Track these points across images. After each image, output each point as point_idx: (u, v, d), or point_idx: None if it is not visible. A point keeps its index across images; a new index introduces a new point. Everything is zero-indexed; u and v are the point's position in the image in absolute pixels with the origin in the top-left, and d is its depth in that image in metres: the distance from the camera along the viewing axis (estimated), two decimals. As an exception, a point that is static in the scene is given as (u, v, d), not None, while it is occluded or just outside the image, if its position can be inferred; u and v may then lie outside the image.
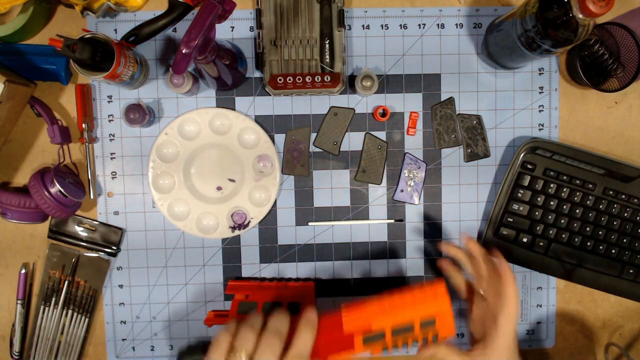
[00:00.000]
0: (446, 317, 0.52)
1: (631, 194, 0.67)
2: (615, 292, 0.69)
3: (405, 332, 0.52)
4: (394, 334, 0.52)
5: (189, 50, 0.46)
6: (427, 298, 0.52)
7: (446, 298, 0.52)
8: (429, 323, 0.52)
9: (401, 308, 0.52)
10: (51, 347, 0.67)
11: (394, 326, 0.52)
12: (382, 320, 0.52)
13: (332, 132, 0.67)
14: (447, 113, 0.68)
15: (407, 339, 0.52)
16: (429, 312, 0.52)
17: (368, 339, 0.52)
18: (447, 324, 0.52)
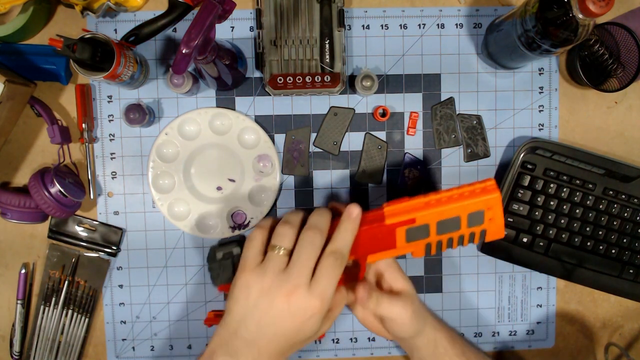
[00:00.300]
0: (495, 212, 0.49)
1: (631, 194, 0.67)
2: (615, 292, 0.69)
3: (451, 227, 0.49)
4: (439, 230, 0.49)
5: (189, 50, 0.46)
6: (476, 192, 0.49)
7: (497, 192, 0.48)
8: (477, 218, 0.49)
9: (448, 201, 0.49)
10: (51, 347, 0.67)
11: (440, 219, 0.49)
12: (427, 213, 0.49)
13: (332, 132, 0.67)
14: (447, 113, 0.68)
15: (453, 238, 0.50)
16: (477, 205, 0.48)
17: (411, 232, 0.49)
18: (497, 221, 0.49)
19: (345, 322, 0.69)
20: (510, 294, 0.70)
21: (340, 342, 0.70)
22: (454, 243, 0.50)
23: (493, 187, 0.49)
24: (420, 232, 0.50)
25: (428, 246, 0.51)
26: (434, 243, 0.50)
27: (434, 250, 0.51)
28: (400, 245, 0.50)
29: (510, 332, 0.71)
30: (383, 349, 0.70)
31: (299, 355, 0.70)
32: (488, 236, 0.50)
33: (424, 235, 0.50)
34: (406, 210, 0.50)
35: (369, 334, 0.70)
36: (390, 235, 0.50)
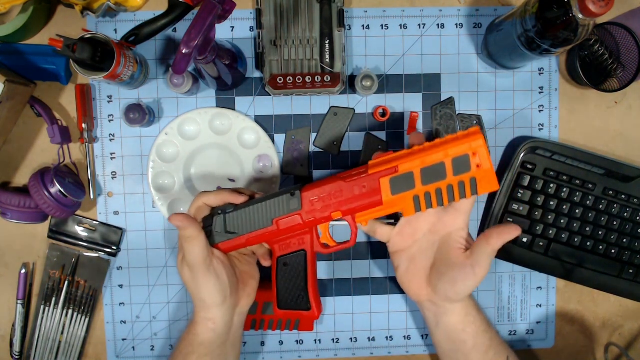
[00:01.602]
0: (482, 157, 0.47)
1: (631, 194, 0.67)
2: (615, 292, 0.69)
3: (436, 176, 0.48)
4: (424, 178, 0.48)
5: (189, 50, 0.46)
6: (459, 138, 0.48)
7: (479, 136, 0.47)
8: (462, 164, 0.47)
9: (430, 148, 0.49)
10: (51, 347, 0.67)
11: (424, 166, 0.48)
12: (410, 161, 0.49)
13: (332, 132, 0.67)
14: (447, 113, 0.68)
15: (441, 189, 0.48)
16: (460, 149, 0.47)
17: (395, 182, 0.49)
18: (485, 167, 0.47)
19: (346, 322, 0.70)
20: (510, 293, 0.70)
21: (340, 342, 0.70)
22: (444, 196, 0.49)
23: (475, 132, 0.48)
24: (405, 181, 0.49)
25: (416, 200, 0.49)
26: (422, 195, 0.49)
27: (423, 205, 0.49)
28: (387, 199, 0.49)
29: (510, 332, 0.71)
30: (383, 348, 0.70)
31: (299, 355, 0.70)
32: (480, 187, 0.48)
33: (410, 185, 0.49)
34: (389, 160, 0.50)
35: (368, 334, 0.70)
36: (375, 187, 0.50)
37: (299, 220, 0.53)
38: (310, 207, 0.53)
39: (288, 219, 0.53)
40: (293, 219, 0.53)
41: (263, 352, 0.69)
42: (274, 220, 0.54)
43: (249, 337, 0.69)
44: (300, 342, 0.70)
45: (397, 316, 0.70)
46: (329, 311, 0.69)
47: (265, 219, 0.54)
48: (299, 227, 0.54)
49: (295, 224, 0.53)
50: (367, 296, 0.69)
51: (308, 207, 0.53)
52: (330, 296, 0.69)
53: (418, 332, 0.70)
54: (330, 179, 0.53)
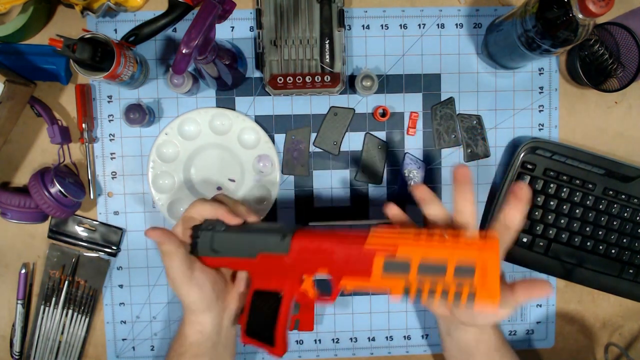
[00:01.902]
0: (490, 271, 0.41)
1: (631, 194, 0.67)
2: (615, 292, 0.69)
3: (434, 273, 0.42)
4: (420, 270, 0.43)
5: (189, 50, 0.46)
6: (473, 243, 0.43)
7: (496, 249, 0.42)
8: (466, 272, 0.42)
9: (439, 242, 0.43)
10: (51, 347, 0.67)
11: (424, 259, 0.43)
12: (412, 247, 0.43)
13: (332, 132, 0.67)
14: (447, 113, 0.68)
15: (435, 285, 0.43)
16: (469, 257, 0.42)
17: (389, 265, 0.44)
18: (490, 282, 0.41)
19: (346, 322, 0.70)
20: (510, 294, 0.70)
21: (340, 342, 0.70)
22: (436, 293, 0.43)
23: (492, 244, 0.42)
24: (399, 266, 0.44)
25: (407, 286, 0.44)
26: (414, 286, 0.44)
27: (412, 294, 0.44)
28: (376, 276, 0.45)
29: (510, 332, 0.71)
30: (383, 348, 0.70)
31: (299, 355, 0.70)
32: (478, 299, 0.42)
33: (404, 271, 0.44)
34: (391, 237, 0.45)
35: (368, 334, 0.70)
36: (367, 262, 0.45)
37: (282, 263, 0.49)
38: (297, 255, 0.49)
39: (272, 259, 0.50)
40: (277, 260, 0.49)
41: (263, 352, 0.69)
42: (258, 255, 0.50)
43: (249, 337, 0.69)
44: (300, 342, 0.70)
45: (397, 316, 0.70)
46: (329, 311, 0.69)
47: (250, 249, 0.50)
48: (281, 270, 0.50)
49: (277, 265, 0.50)
50: (367, 296, 0.69)
51: (295, 254, 0.49)
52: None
53: (418, 332, 0.70)
54: (327, 235, 0.48)
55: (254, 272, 0.52)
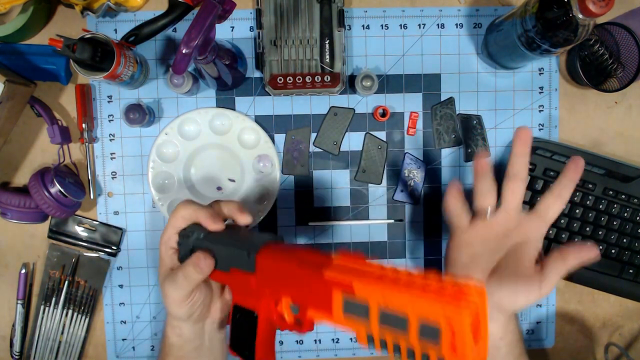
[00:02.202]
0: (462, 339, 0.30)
1: (631, 194, 0.67)
2: (615, 292, 0.69)
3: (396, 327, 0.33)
4: (382, 320, 0.34)
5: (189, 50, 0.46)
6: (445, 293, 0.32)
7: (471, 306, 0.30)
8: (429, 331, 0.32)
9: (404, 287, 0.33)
10: (51, 347, 0.67)
11: (383, 306, 0.34)
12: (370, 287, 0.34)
13: (332, 132, 0.67)
14: (447, 113, 0.68)
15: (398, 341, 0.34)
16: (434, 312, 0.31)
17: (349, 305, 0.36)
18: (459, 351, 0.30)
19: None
20: (510, 294, 0.70)
21: (340, 342, 0.70)
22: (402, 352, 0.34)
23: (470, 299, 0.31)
24: (358, 309, 0.35)
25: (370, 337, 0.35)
26: (377, 336, 0.35)
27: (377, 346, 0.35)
28: (337, 314, 0.36)
29: (510, 332, 0.71)
30: (383, 349, 0.70)
31: (299, 355, 0.70)
32: None
33: (364, 316, 0.35)
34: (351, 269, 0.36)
35: (369, 334, 0.70)
36: (326, 294, 0.37)
37: (251, 282, 0.44)
38: (263, 275, 0.43)
39: (242, 276, 0.45)
40: (246, 278, 0.45)
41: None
42: (231, 269, 0.46)
43: (249, 337, 0.69)
44: (300, 342, 0.70)
45: (397, 316, 0.70)
46: (329, 311, 0.69)
47: (223, 263, 0.47)
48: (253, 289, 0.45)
49: (248, 283, 0.45)
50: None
51: (261, 274, 0.43)
52: (330, 296, 0.69)
53: (418, 332, 0.70)
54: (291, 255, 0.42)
55: (231, 285, 0.48)
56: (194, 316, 0.51)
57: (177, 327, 0.52)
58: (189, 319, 0.51)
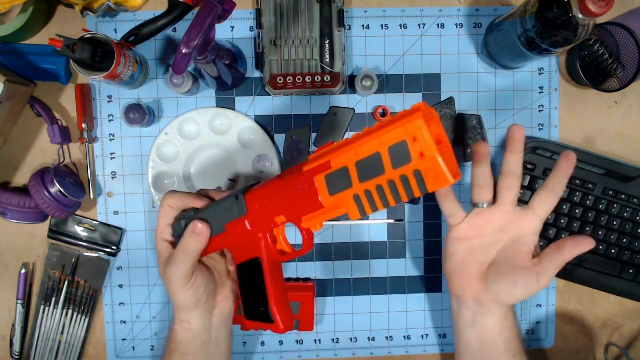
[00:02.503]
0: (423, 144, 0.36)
1: (631, 194, 0.67)
2: (615, 292, 0.69)
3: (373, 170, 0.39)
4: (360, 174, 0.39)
5: (189, 50, 0.46)
6: (396, 119, 0.38)
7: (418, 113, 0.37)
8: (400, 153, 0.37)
9: (364, 136, 0.40)
10: (51, 347, 0.67)
11: (358, 159, 0.39)
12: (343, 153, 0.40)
13: (332, 132, 0.67)
14: (447, 113, 0.68)
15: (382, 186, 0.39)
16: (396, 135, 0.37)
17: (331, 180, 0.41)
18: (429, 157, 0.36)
19: (346, 322, 0.70)
20: (510, 294, 0.70)
21: (340, 342, 0.70)
22: (387, 194, 0.39)
23: (415, 110, 0.37)
24: (340, 179, 0.40)
25: (358, 201, 0.40)
26: (363, 195, 0.40)
27: (367, 206, 0.40)
28: (326, 200, 0.41)
29: (510, 332, 0.71)
30: (383, 348, 0.70)
31: (299, 355, 0.70)
32: (428, 181, 0.37)
33: (347, 183, 0.40)
34: (323, 154, 0.42)
35: (368, 334, 0.70)
36: (311, 187, 0.42)
37: (247, 225, 0.48)
38: (254, 211, 0.47)
39: (237, 225, 0.48)
40: (242, 224, 0.48)
41: (263, 352, 0.69)
42: (225, 226, 0.49)
43: (249, 337, 0.69)
44: (300, 342, 0.70)
45: (397, 316, 0.70)
46: (329, 311, 0.69)
47: (217, 224, 0.49)
48: (250, 233, 0.48)
49: (244, 230, 0.48)
50: (367, 296, 0.69)
51: (252, 211, 0.47)
52: (331, 296, 0.69)
53: (418, 332, 0.70)
54: (272, 181, 0.46)
55: (230, 246, 0.50)
56: (201, 303, 0.52)
57: (186, 321, 0.53)
58: (197, 307, 0.52)
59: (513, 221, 0.53)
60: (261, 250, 0.48)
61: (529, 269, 0.51)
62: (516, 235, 0.53)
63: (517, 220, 0.53)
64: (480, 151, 0.54)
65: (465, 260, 0.55)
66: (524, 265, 0.51)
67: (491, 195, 0.54)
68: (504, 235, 0.53)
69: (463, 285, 0.55)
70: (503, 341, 0.55)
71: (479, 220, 0.54)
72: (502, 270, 0.52)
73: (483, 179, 0.54)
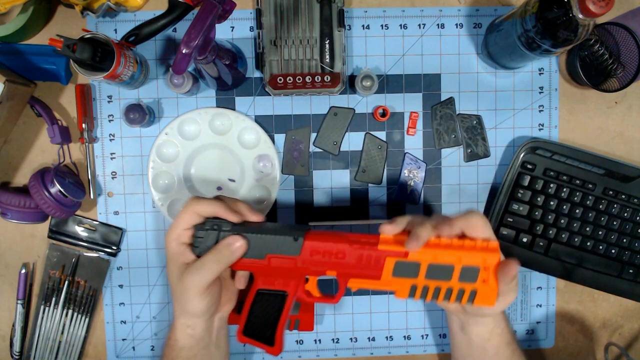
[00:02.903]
0: (491, 275, 0.47)
1: (631, 194, 0.67)
2: (615, 292, 0.69)
3: (442, 275, 0.47)
4: (429, 273, 0.47)
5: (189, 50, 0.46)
6: (477, 246, 0.47)
7: (497, 253, 0.47)
8: (470, 273, 0.47)
9: (446, 246, 0.48)
10: (51, 347, 0.67)
11: (433, 262, 0.47)
12: (422, 252, 0.47)
13: (332, 132, 0.67)
14: (447, 113, 0.68)
15: (440, 288, 0.48)
16: (474, 259, 0.47)
17: (400, 266, 0.48)
18: (490, 285, 0.47)
19: (346, 322, 0.69)
20: (510, 294, 0.70)
21: (340, 342, 0.70)
22: (440, 295, 0.48)
23: (495, 248, 0.48)
24: (409, 269, 0.48)
25: (413, 288, 0.48)
26: (420, 287, 0.48)
27: (418, 295, 0.49)
28: (386, 277, 0.48)
29: (510, 332, 0.71)
30: (383, 348, 0.70)
31: (299, 355, 0.70)
32: (477, 299, 0.48)
33: (413, 274, 0.48)
34: (401, 242, 0.48)
35: (368, 334, 0.70)
36: (378, 262, 0.48)
37: (292, 264, 0.50)
38: (308, 256, 0.50)
39: (282, 260, 0.50)
40: (287, 261, 0.50)
41: (263, 352, 0.69)
42: (267, 256, 0.51)
43: (249, 337, 0.69)
44: (300, 342, 0.70)
45: (397, 316, 0.70)
46: (329, 311, 0.69)
47: (259, 251, 0.51)
48: (290, 271, 0.51)
49: (287, 266, 0.51)
50: (367, 296, 0.69)
51: (306, 256, 0.50)
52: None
53: (418, 332, 0.70)
54: (338, 237, 0.50)
55: (260, 272, 0.52)
56: (211, 310, 0.52)
57: (191, 327, 0.52)
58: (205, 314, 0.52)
59: None
60: (292, 287, 0.52)
61: None
62: None
63: None
64: None
65: None
66: None
67: None
68: None
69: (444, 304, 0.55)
70: (492, 347, 0.55)
71: None
72: None
73: None
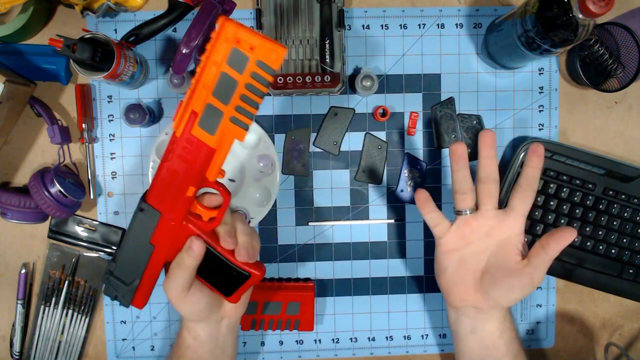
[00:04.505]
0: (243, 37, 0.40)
1: (631, 194, 0.67)
2: (615, 292, 0.69)
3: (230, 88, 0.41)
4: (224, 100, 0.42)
5: (189, 50, 0.46)
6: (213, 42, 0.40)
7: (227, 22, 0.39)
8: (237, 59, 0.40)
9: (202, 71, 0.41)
10: (51, 347, 0.67)
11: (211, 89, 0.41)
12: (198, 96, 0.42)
13: (332, 132, 0.67)
14: (447, 113, 0.68)
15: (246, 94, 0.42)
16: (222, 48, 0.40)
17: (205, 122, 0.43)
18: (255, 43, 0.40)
19: (346, 322, 0.70)
20: (510, 294, 0.70)
21: (340, 342, 0.70)
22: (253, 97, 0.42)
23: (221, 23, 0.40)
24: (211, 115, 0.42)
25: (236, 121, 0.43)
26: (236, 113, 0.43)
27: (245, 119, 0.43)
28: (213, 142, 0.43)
29: (510, 332, 0.71)
30: (383, 348, 0.70)
31: (299, 355, 0.70)
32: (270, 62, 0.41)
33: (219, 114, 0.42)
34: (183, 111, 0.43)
35: (368, 334, 0.70)
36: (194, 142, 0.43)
37: (170, 223, 0.47)
38: (165, 205, 0.46)
39: (161, 230, 0.47)
40: (164, 225, 0.47)
41: (263, 352, 0.69)
42: (151, 241, 0.48)
43: (249, 337, 0.69)
44: (300, 342, 0.70)
45: (397, 316, 0.70)
46: (329, 311, 0.69)
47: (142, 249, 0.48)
48: (176, 227, 0.47)
49: (169, 228, 0.47)
50: (367, 296, 0.69)
51: (164, 207, 0.46)
52: (331, 296, 0.69)
53: (418, 332, 0.70)
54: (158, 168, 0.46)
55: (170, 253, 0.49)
56: (203, 317, 0.52)
57: (192, 329, 0.53)
58: (200, 321, 0.52)
59: (498, 225, 0.54)
60: (194, 230, 0.48)
61: (522, 271, 0.52)
62: (503, 238, 0.54)
63: (501, 223, 0.54)
64: (458, 151, 0.55)
65: (459, 272, 0.55)
66: (517, 267, 0.52)
67: (473, 201, 0.55)
68: (491, 239, 0.54)
69: (462, 297, 0.56)
70: (504, 343, 0.55)
71: (465, 229, 0.55)
72: (496, 277, 0.53)
73: (464, 184, 0.54)
